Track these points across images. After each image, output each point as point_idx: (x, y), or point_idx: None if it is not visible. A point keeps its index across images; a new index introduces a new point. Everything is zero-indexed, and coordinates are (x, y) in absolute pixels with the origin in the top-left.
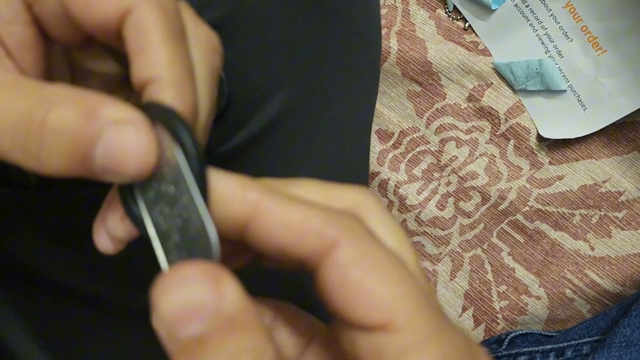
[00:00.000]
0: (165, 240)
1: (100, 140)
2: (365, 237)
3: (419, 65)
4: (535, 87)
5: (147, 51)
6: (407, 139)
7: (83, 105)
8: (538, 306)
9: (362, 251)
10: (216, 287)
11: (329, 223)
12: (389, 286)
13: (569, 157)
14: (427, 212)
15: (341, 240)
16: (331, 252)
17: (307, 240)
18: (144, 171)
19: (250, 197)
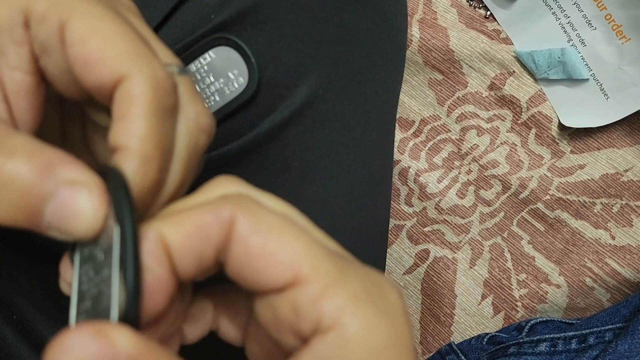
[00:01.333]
0: (82, 301)
1: (51, 198)
2: (256, 207)
3: (441, 54)
4: (558, 76)
5: (125, 120)
6: (427, 127)
7: (41, 161)
8: (558, 294)
9: (257, 220)
10: (104, 338)
11: (221, 207)
12: (288, 244)
13: (590, 146)
14: (448, 201)
15: (237, 216)
16: (232, 230)
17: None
18: (89, 235)
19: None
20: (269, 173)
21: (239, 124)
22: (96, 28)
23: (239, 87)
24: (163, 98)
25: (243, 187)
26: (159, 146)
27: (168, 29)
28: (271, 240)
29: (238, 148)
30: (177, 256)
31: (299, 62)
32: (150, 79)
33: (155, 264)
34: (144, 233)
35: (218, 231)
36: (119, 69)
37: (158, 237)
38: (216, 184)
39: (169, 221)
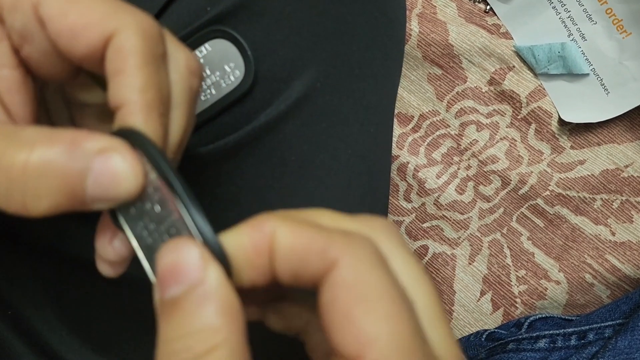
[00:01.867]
0: (152, 252)
1: (88, 172)
2: (369, 262)
3: (440, 48)
4: (558, 70)
5: (122, 74)
6: (426, 122)
7: (63, 142)
8: (557, 291)
9: (359, 276)
10: (203, 263)
11: (331, 243)
12: (373, 320)
13: (590, 141)
14: (447, 196)
15: (341, 261)
16: (331, 271)
17: (312, 260)
18: (135, 193)
19: (266, 229)
20: (266, 167)
21: (236, 118)
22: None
23: (235, 81)
24: (153, 46)
25: (390, 237)
26: (158, 94)
27: (163, 21)
28: (359, 305)
29: (234, 142)
30: (279, 258)
31: (296, 55)
32: (138, 30)
33: (255, 253)
34: (262, 222)
35: (318, 263)
36: (106, 27)
37: (270, 231)
38: (367, 220)
39: (288, 225)
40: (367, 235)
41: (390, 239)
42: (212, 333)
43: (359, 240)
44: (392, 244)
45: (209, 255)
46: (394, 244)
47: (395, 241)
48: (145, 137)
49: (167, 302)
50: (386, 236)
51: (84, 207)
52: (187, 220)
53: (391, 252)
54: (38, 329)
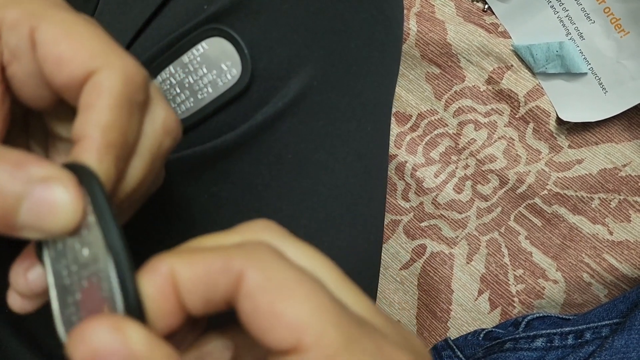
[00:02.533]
0: (66, 294)
1: (26, 198)
2: (270, 260)
3: (438, 47)
4: (556, 69)
5: (91, 109)
6: (425, 121)
7: (9, 162)
8: (555, 290)
9: (268, 275)
10: (120, 333)
11: (230, 258)
12: (296, 306)
13: (588, 140)
14: (445, 195)
15: (247, 269)
16: (241, 282)
17: (218, 281)
18: (69, 229)
19: (163, 270)
20: (263, 165)
21: (232, 116)
22: (68, 30)
23: (232, 79)
24: (133, 92)
25: (274, 233)
26: (121, 137)
27: (161, 19)
28: (279, 299)
29: (231, 140)
30: (185, 293)
31: (293, 53)
32: (121, 72)
33: (161, 298)
34: (157, 265)
35: (225, 281)
36: (91, 64)
37: (169, 271)
38: (247, 227)
39: (183, 258)
40: (256, 239)
41: (275, 234)
42: None
43: (253, 246)
44: (279, 237)
45: (123, 322)
46: (280, 236)
47: (280, 234)
48: (94, 177)
49: None
50: (271, 233)
51: (11, 232)
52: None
53: (282, 244)
54: (35, 328)
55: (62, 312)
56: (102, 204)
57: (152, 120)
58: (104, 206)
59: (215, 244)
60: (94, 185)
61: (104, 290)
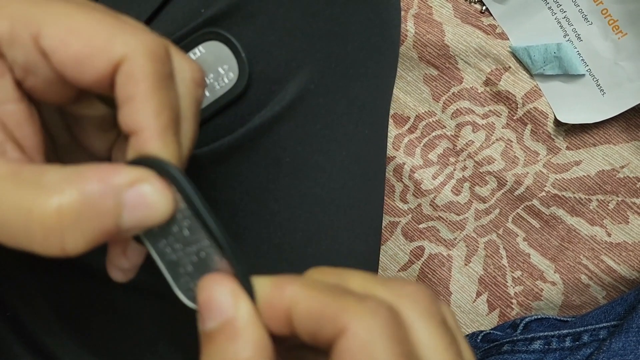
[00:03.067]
0: (176, 267)
1: (123, 206)
2: (377, 331)
3: (436, 49)
4: (553, 71)
5: (135, 100)
6: (423, 123)
7: (92, 180)
8: (553, 292)
9: (365, 345)
10: (235, 300)
11: (343, 310)
12: None
13: (586, 142)
14: (443, 197)
15: (349, 329)
16: (340, 338)
17: (324, 325)
18: (167, 218)
19: (287, 292)
20: (261, 169)
21: (230, 120)
22: (71, 26)
23: (229, 82)
24: (162, 68)
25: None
26: (171, 113)
27: (158, 23)
28: None
29: (229, 144)
30: (295, 319)
31: (290, 56)
32: (145, 53)
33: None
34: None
35: (329, 329)
36: (113, 53)
37: (290, 296)
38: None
39: (307, 289)
40: (388, 302)
41: (417, 307)
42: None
43: (372, 307)
44: (418, 312)
45: (241, 292)
46: (421, 312)
47: (422, 309)
48: (171, 166)
49: (205, 333)
50: (413, 304)
51: (120, 237)
52: (224, 255)
53: (415, 321)
54: (36, 330)
55: (177, 283)
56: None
57: (183, 80)
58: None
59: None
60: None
61: (215, 262)
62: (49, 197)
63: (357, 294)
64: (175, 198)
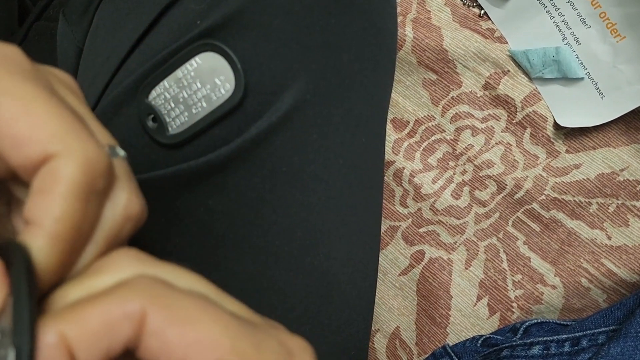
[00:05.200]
0: None
1: None
2: (168, 295)
3: (435, 53)
4: (552, 75)
5: (44, 195)
6: (422, 127)
7: None
8: (553, 295)
9: (171, 311)
10: None
11: (128, 300)
12: (207, 331)
13: (586, 145)
14: (442, 201)
15: (147, 309)
16: (144, 325)
17: (120, 329)
18: None
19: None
20: (257, 178)
21: (227, 130)
22: (27, 108)
23: (225, 93)
24: (91, 181)
25: (146, 264)
26: (74, 229)
27: (154, 35)
28: (189, 330)
29: (225, 154)
30: (81, 354)
31: (285, 67)
32: (80, 160)
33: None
34: (44, 333)
35: (127, 326)
36: (49, 147)
37: (59, 338)
38: (113, 263)
39: (71, 318)
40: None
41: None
42: None
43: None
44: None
45: None
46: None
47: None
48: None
49: None
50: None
51: None
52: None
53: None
54: None
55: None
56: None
57: (113, 205)
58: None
59: (97, 288)
60: (21, 272)
61: None
62: None
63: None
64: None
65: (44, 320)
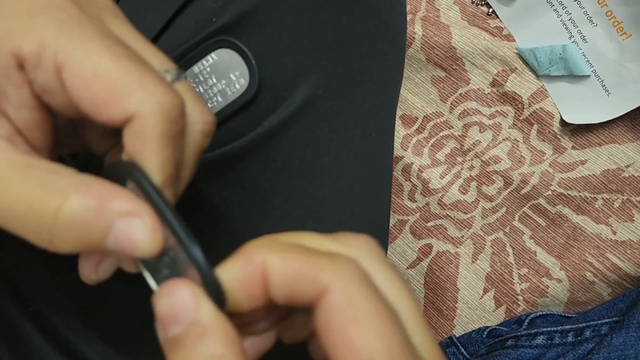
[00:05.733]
0: (156, 272)
1: (110, 231)
2: (356, 283)
3: (443, 51)
4: (559, 72)
5: (141, 156)
6: (430, 123)
7: (94, 198)
8: (559, 289)
9: (349, 299)
10: (195, 299)
11: (320, 269)
12: (366, 337)
13: (592, 141)
14: (450, 196)
15: (331, 286)
16: (323, 297)
17: (304, 288)
18: (150, 257)
19: (256, 260)
20: (271, 171)
21: (241, 124)
22: (94, 69)
23: (240, 88)
24: (172, 128)
25: (371, 254)
26: (174, 167)
27: (171, 32)
28: (353, 326)
29: (240, 147)
30: (272, 285)
31: (298, 63)
32: (158, 113)
33: (249, 283)
34: (252, 254)
35: (310, 289)
36: (128, 107)
37: (261, 262)
38: (349, 238)
39: (278, 254)
40: (350, 256)
41: (371, 255)
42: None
43: (344, 263)
44: (373, 259)
45: (201, 293)
46: (375, 259)
47: (375, 256)
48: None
49: (170, 340)
50: (367, 253)
51: (103, 254)
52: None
53: (373, 268)
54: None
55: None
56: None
57: (193, 130)
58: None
59: (313, 245)
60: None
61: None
62: (52, 197)
63: (324, 253)
64: (162, 243)
65: (256, 242)
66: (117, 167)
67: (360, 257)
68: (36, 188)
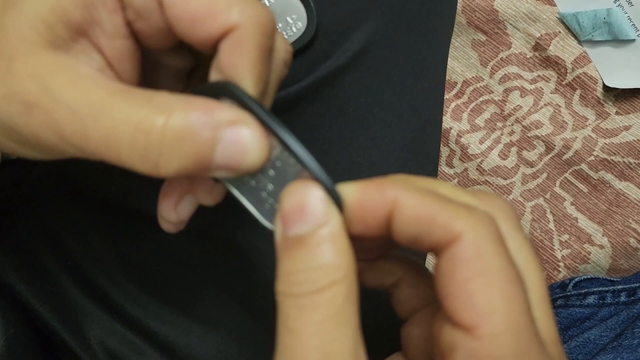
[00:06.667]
0: (257, 192)
1: (219, 142)
2: (490, 239)
3: (485, 14)
4: (602, 37)
5: (237, 69)
6: (470, 88)
7: (200, 110)
8: (601, 255)
9: (478, 253)
10: (328, 206)
11: (455, 217)
12: (491, 295)
13: (636, 107)
14: (489, 162)
15: (464, 236)
16: (452, 244)
17: (435, 232)
18: (258, 167)
19: (389, 194)
20: (325, 118)
21: (296, 69)
22: None
23: (297, 32)
24: (267, 42)
25: (507, 216)
26: (263, 88)
27: None
28: (477, 281)
29: (295, 93)
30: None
31: (356, 8)
32: (257, 25)
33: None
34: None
35: (440, 234)
36: (227, 19)
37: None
38: (487, 197)
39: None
40: (488, 213)
41: (508, 219)
42: (333, 269)
43: (481, 217)
44: (509, 224)
45: (331, 201)
46: (511, 224)
47: (512, 222)
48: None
49: (291, 238)
50: (504, 216)
51: (207, 173)
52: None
53: (508, 232)
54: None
55: (259, 210)
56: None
57: (277, 59)
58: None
59: (449, 195)
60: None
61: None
62: (158, 114)
63: (462, 204)
64: (269, 149)
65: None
66: (209, 87)
67: (496, 216)
68: (141, 108)
